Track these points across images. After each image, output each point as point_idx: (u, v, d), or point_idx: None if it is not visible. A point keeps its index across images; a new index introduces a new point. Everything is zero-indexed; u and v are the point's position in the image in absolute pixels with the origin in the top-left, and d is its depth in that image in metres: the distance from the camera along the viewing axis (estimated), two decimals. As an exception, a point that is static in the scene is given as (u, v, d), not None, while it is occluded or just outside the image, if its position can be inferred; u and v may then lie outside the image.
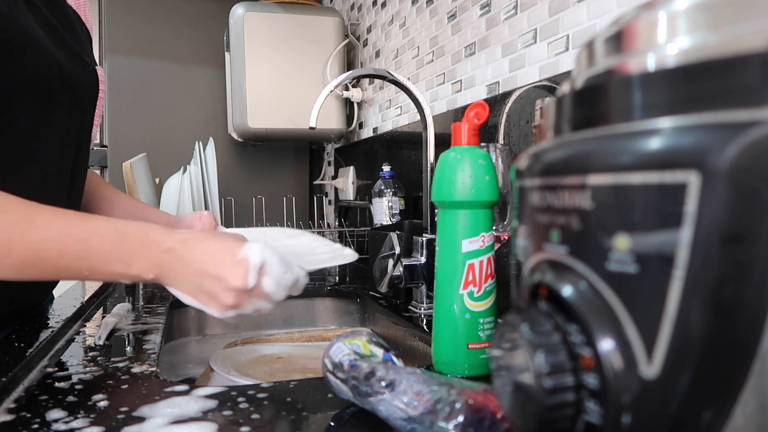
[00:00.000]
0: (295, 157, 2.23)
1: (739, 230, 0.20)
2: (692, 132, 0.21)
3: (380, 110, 1.62)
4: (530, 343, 0.25)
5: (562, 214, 0.26)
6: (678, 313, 0.21)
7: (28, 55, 0.67)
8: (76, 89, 0.76)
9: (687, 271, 0.20)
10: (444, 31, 1.20)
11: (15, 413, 0.48)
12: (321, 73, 1.78)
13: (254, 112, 1.73)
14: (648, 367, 0.22)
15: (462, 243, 0.55)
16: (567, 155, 0.26)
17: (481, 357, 0.55)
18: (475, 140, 0.56)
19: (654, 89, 0.23)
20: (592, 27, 0.76)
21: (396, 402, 0.40)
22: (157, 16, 2.10)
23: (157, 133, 2.06)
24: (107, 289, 1.16)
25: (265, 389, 0.52)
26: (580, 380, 0.24)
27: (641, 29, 0.25)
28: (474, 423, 0.36)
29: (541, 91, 0.85)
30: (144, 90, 2.03)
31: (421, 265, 0.83)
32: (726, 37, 0.22)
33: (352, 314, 1.13)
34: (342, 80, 0.86)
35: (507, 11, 0.96)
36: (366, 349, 0.47)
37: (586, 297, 0.24)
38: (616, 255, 0.23)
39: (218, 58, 2.13)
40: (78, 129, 0.79)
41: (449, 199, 0.55)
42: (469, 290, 0.55)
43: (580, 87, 0.27)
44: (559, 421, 0.24)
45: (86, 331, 0.78)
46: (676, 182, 0.21)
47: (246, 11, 1.72)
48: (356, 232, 1.52)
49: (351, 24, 1.84)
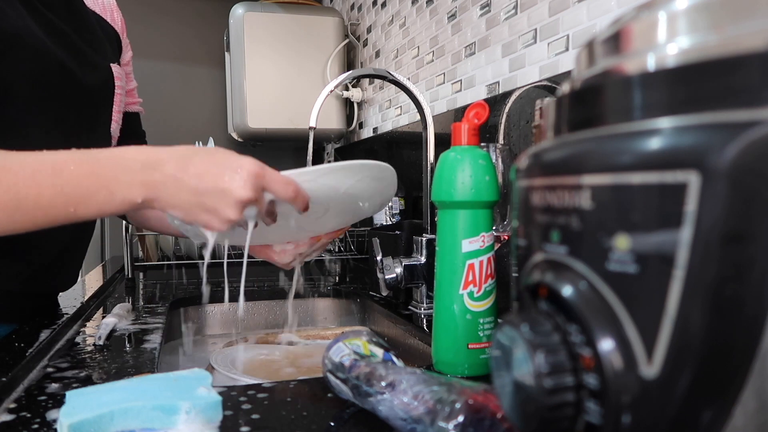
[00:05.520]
0: (295, 157, 2.23)
1: (739, 230, 0.19)
2: (692, 132, 0.21)
3: (380, 110, 1.62)
4: (530, 343, 0.25)
5: (561, 214, 0.26)
6: (678, 313, 0.21)
7: (22, 53, 0.69)
8: (85, 87, 0.79)
9: (687, 271, 0.20)
10: (444, 31, 1.20)
11: (15, 413, 0.48)
12: (321, 73, 1.78)
13: (254, 112, 1.73)
14: (648, 367, 0.22)
15: (462, 243, 0.55)
16: (567, 155, 0.26)
17: (481, 357, 0.55)
18: (475, 140, 0.56)
19: (654, 89, 0.23)
20: (592, 27, 0.76)
21: (396, 402, 0.40)
22: (157, 16, 2.10)
23: (157, 133, 2.05)
24: (107, 289, 1.16)
25: (266, 389, 0.52)
26: (580, 380, 0.24)
27: (641, 29, 0.25)
28: (474, 423, 0.36)
29: (541, 91, 0.85)
30: (144, 90, 2.03)
31: (421, 265, 0.83)
32: (726, 37, 0.22)
33: (352, 314, 1.13)
34: (342, 80, 0.86)
35: (507, 11, 0.96)
36: (366, 349, 0.47)
37: (586, 297, 0.24)
38: (616, 255, 0.23)
39: (218, 58, 2.13)
40: (90, 125, 0.82)
41: (449, 199, 0.55)
42: (469, 290, 0.55)
43: (580, 87, 0.27)
44: (559, 421, 0.24)
45: (86, 331, 0.78)
46: (676, 182, 0.21)
47: (246, 11, 1.72)
48: (356, 232, 1.51)
49: (351, 24, 1.84)
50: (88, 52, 0.81)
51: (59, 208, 0.53)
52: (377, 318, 1.00)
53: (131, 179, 0.53)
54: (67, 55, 0.76)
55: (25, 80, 0.71)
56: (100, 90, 0.84)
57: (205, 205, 0.53)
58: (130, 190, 0.53)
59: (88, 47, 0.82)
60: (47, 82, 0.73)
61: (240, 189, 0.52)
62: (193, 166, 0.53)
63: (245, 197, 0.52)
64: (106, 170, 0.53)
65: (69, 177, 0.52)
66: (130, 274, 1.24)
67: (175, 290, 1.14)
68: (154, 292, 1.13)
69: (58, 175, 0.52)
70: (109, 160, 0.54)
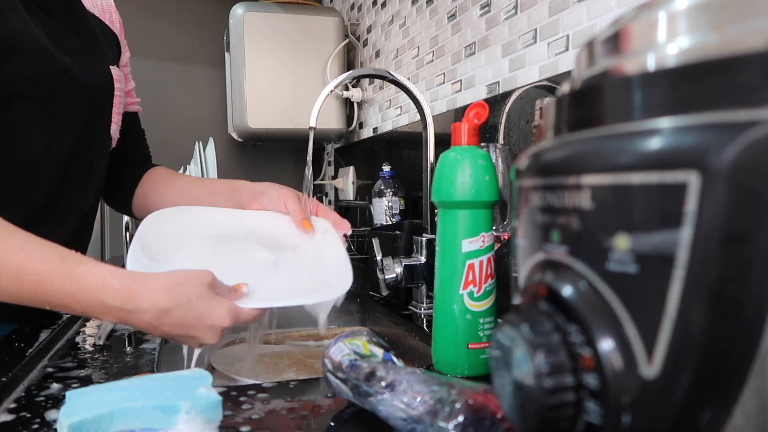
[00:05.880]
0: (295, 157, 2.23)
1: (739, 230, 0.19)
2: (692, 132, 0.21)
3: (380, 110, 1.62)
4: (530, 343, 0.25)
5: (562, 214, 0.26)
6: (678, 313, 0.21)
7: (24, 58, 0.71)
8: (87, 90, 0.80)
9: (687, 271, 0.20)
10: (444, 31, 1.20)
11: (15, 413, 0.48)
12: (321, 73, 1.78)
13: (254, 112, 1.73)
14: (648, 367, 0.22)
15: (462, 243, 0.55)
16: (567, 155, 0.26)
17: (481, 357, 0.55)
18: (475, 140, 0.56)
19: (654, 89, 0.23)
20: (592, 27, 0.76)
21: (396, 402, 0.40)
22: (157, 16, 2.11)
23: (157, 133, 2.05)
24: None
25: (266, 389, 0.52)
26: (580, 380, 0.24)
27: (641, 29, 0.25)
28: (474, 423, 0.36)
29: (541, 91, 0.85)
30: (144, 90, 2.03)
31: (421, 265, 0.83)
32: (726, 37, 0.22)
33: (352, 314, 1.13)
34: (342, 80, 0.86)
35: (507, 11, 0.96)
36: (366, 349, 0.47)
37: (586, 297, 0.24)
38: (616, 255, 0.23)
39: (218, 58, 2.13)
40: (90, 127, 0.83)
41: (449, 199, 0.55)
42: (469, 290, 0.55)
43: (580, 87, 0.27)
44: (559, 421, 0.24)
45: (86, 331, 0.78)
46: (676, 182, 0.21)
47: (246, 11, 1.72)
48: (356, 232, 1.51)
49: (351, 24, 1.84)
50: (88, 55, 0.82)
51: (36, 304, 0.57)
52: (377, 318, 1.00)
53: (108, 313, 0.56)
54: (67, 59, 0.77)
55: (27, 84, 0.72)
56: (101, 92, 0.84)
57: (180, 340, 0.59)
58: (105, 317, 0.57)
59: (88, 50, 0.83)
60: (49, 86, 0.74)
61: (209, 339, 0.58)
62: (171, 317, 0.56)
63: (212, 343, 0.58)
64: (86, 299, 0.55)
65: (50, 289, 0.55)
66: (130, 274, 1.23)
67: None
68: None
69: (40, 285, 0.55)
70: (90, 289, 0.55)
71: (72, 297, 0.55)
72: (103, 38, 0.88)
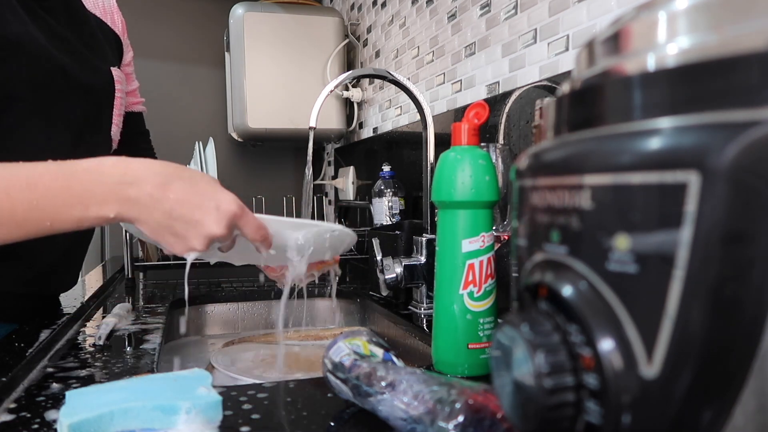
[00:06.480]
0: (295, 157, 2.23)
1: (739, 230, 0.19)
2: (692, 132, 0.21)
3: (380, 110, 1.62)
4: (530, 343, 0.25)
5: (561, 214, 0.26)
6: (678, 313, 0.21)
7: (24, 58, 0.70)
8: (87, 90, 0.80)
9: (687, 271, 0.20)
10: (444, 31, 1.20)
11: (15, 413, 0.48)
12: (321, 73, 1.78)
13: (254, 112, 1.73)
14: (648, 367, 0.22)
15: (462, 243, 0.55)
16: (567, 155, 0.26)
17: (481, 357, 0.55)
18: (475, 140, 0.56)
19: (654, 89, 0.23)
20: (592, 27, 0.76)
21: (396, 402, 0.40)
22: (157, 16, 2.10)
23: (157, 133, 2.06)
24: (107, 290, 1.16)
25: (266, 389, 0.52)
26: (580, 380, 0.24)
27: (641, 29, 0.25)
28: (474, 423, 0.36)
29: (541, 91, 0.85)
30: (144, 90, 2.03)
31: (421, 265, 0.83)
32: (726, 37, 0.22)
33: (352, 314, 1.13)
34: (342, 80, 0.86)
35: (507, 11, 0.96)
36: (366, 349, 0.47)
37: (586, 297, 0.24)
38: (616, 255, 0.23)
39: (218, 58, 2.13)
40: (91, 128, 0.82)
41: (449, 199, 0.55)
42: (469, 290, 0.55)
43: (580, 87, 0.27)
44: (559, 421, 0.24)
45: (86, 331, 0.78)
46: (676, 182, 0.21)
47: (246, 11, 1.72)
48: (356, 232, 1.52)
49: (351, 24, 1.84)
50: (88, 55, 0.82)
51: (34, 221, 0.52)
52: (377, 318, 1.00)
53: (106, 194, 0.52)
54: (68, 60, 0.77)
55: (27, 85, 0.72)
56: (101, 93, 0.84)
57: (174, 230, 0.53)
58: (104, 206, 0.52)
59: (88, 51, 0.83)
60: (49, 87, 0.74)
61: (214, 225, 0.52)
62: (173, 190, 0.52)
63: (216, 234, 0.53)
64: (81, 184, 0.52)
65: (43, 191, 0.51)
66: (130, 275, 1.24)
67: (175, 290, 1.14)
68: (154, 292, 1.13)
69: (32, 189, 0.51)
70: (86, 173, 0.52)
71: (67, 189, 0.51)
72: (104, 39, 0.89)
